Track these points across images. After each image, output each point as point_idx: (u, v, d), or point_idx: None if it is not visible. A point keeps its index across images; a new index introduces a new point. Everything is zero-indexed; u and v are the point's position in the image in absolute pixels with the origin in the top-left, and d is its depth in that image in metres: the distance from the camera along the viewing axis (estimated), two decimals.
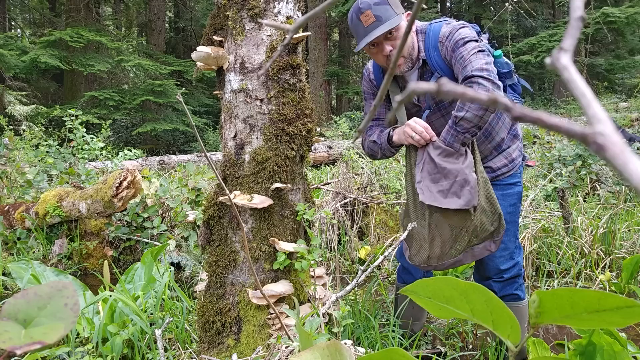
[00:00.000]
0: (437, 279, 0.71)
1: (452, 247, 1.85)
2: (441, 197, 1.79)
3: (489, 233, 1.84)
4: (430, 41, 1.87)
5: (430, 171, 1.82)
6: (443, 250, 1.85)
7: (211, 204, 1.81)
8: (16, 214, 3.69)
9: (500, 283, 2.00)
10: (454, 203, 1.77)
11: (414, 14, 0.41)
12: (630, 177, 0.26)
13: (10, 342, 0.50)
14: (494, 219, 1.83)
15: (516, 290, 2.02)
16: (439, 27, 1.86)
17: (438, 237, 1.85)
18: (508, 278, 2.00)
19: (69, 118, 5.25)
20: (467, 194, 1.77)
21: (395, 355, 0.75)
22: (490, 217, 1.82)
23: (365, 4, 1.78)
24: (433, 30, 1.87)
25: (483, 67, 1.67)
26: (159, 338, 1.74)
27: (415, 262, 1.93)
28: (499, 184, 1.98)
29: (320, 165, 7.71)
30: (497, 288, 2.01)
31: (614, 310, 0.59)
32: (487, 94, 0.32)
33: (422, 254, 1.89)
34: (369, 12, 1.77)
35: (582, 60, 11.85)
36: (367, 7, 1.77)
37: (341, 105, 17.06)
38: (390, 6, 1.78)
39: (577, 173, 4.52)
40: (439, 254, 1.85)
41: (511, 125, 2.00)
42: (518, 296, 2.03)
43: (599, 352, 1.51)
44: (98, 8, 14.55)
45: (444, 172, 1.79)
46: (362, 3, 1.79)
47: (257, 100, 1.75)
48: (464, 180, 1.77)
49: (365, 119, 0.48)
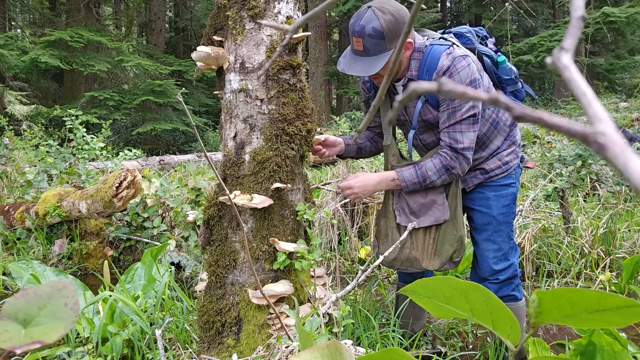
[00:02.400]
0: (437, 279, 0.71)
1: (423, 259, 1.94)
2: (413, 217, 1.93)
3: (449, 253, 1.91)
4: (425, 64, 1.79)
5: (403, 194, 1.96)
6: (409, 258, 1.95)
7: (211, 204, 1.81)
8: (16, 213, 3.69)
9: (496, 285, 1.99)
10: (424, 221, 1.91)
11: (413, 15, 0.41)
12: (630, 177, 0.26)
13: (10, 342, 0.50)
14: (455, 240, 1.90)
15: (513, 291, 2.02)
16: (439, 54, 1.76)
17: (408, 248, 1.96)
18: (504, 279, 1.99)
19: (69, 118, 5.25)
20: (436, 211, 1.90)
21: (395, 355, 0.75)
22: (450, 238, 1.91)
23: (360, 30, 1.68)
24: (432, 54, 1.78)
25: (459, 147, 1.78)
26: (159, 338, 1.74)
27: (384, 261, 2.01)
28: (492, 184, 1.98)
29: (320, 165, 7.71)
30: (493, 290, 1.99)
31: (614, 310, 0.59)
32: (487, 94, 0.32)
33: (391, 256, 1.98)
34: (360, 40, 1.70)
35: (582, 60, 11.85)
36: (360, 35, 1.69)
37: (341, 105, 17.06)
38: (385, 40, 1.68)
39: (577, 173, 4.52)
40: (404, 258, 1.96)
41: (509, 132, 2.00)
42: (515, 297, 2.02)
43: (599, 352, 1.51)
44: (98, 8, 14.55)
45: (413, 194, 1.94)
46: (359, 27, 1.69)
47: (257, 100, 1.74)
48: (431, 201, 1.91)
49: (364, 120, 0.48)
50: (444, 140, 1.81)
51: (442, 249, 1.90)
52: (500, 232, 1.97)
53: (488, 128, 1.92)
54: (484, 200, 1.97)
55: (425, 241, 1.93)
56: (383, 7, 1.69)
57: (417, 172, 1.83)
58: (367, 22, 1.68)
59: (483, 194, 1.98)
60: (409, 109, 1.92)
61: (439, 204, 1.89)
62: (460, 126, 1.76)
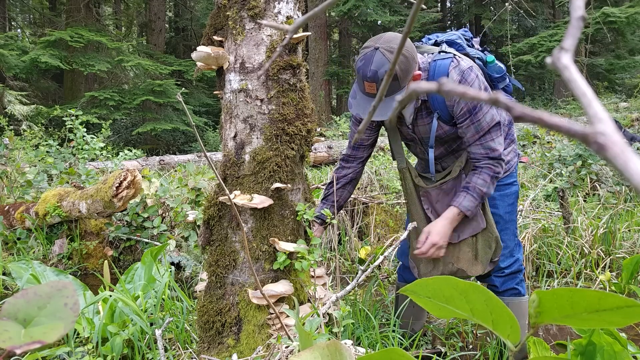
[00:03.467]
0: (437, 279, 0.71)
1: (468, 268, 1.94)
2: (454, 233, 1.91)
3: (488, 256, 1.93)
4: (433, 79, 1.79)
5: (439, 213, 1.94)
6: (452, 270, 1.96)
7: (211, 204, 1.81)
8: (16, 214, 3.69)
9: (501, 278, 2.03)
10: (464, 234, 1.91)
11: (413, 15, 0.41)
12: (630, 177, 0.26)
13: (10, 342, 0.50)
14: (492, 241, 1.91)
15: (517, 285, 2.04)
16: (445, 68, 1.76)
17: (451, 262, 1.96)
18: (509, 273, 2.03)
19: (69, 118, 5.24)
20: (473, 222, 1.90)
21: (394, 355, 0.75)
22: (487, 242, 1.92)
23: (373, 75, 1.62)
24: (439, 70, 1.78)
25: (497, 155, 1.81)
26: (159, 338, 1.74)
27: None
28: (497, 184, 1.99)
29: (320, 165, 7.71)
30: (498, 282, 2.03)
31: (614, 310, 0.59)
32: (487, 94, 0.32)
33: (433, 273, 1.99)
34: (374, 85, 1.64)
35: (582, 60, 11.85)
36: (374, 80, 1.63)
37: (341, 105, 17.06)
38: (399, 81, 1.65)
39: (577, 173, 4.52)
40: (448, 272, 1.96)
41: (508, 130, 2.02)
42: (519, 291, 2.05)
43: (599, 352, 1.51)
44: (98, 8, 14.55)
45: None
46: (371, 72, 1.62)
47: (257, 100, 1.74)
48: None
49: (364, 120, 0.48)
50: (478, 152, 1.81)
51: (481, 253, 1.92)
52: (507, 231, 2.01)
53: None
54: (490, 200, 1.99)
55: (463, 251, 1.94)
56: (391, 47, 1.64)
57: (474, 195, 1.83)
58: (379, 66, 1.62)
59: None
60: (418, 127, 1.91)
61: (475, 214, 1.89)
62: (491, 135, 1.79)
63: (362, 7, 11.88)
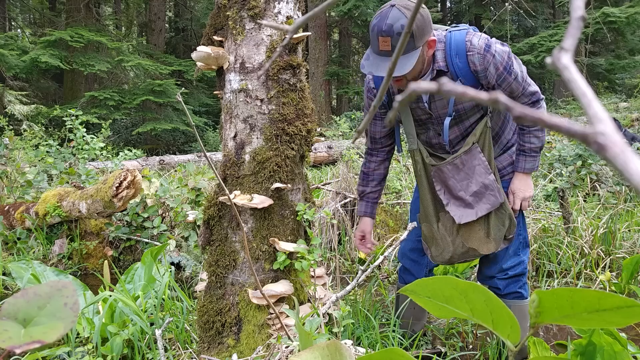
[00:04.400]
0: (437, 279, 0.71)
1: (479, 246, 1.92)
2: (469, 210, 1.89)
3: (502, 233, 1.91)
4: (452, 49, 1.77)
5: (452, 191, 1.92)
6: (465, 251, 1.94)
7: (211, 204, 1.81)
8: (16, 214, 3.69)
9: (504, 280, 2.00)
10: (481, 210, 1.87)
11: (413, 15, 0.41)
12: (630, 177, 0.26)
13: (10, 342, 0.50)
14: (505, 218, 1.89)
15: (520, 288, 2.02)
16: (463, 37, 1.77)
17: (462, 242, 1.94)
18: (513, 275, 2.00)
19: (69, 118, 5.24)
20: (490, 197, 1.86)
21: (394, 355, 0.75)
22: (501, 219, 1.89)
23: (388, 29, 1.60)
24: (455, 39, 1.77)
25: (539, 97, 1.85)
26: (159, 338, 1.74)
27: (438, 261, 2.01)
28: (504, 181, 1.99)
29: (320, 165, 7.71)
30: (501, 285, 2.01)
31: (614, 310, 0.59)
32: (487, 94, 0.32)
33: (444, 255, 1.97)
34: (388, 40, 1.62)
35: (582, 60, 11.84)
36: (389, 34, 1.60)
37: (341, 105, 17.06)
38: (414, 39, 1.63)
39: (577, 173, 4.52)
40: (460, 253, 1.95)
41: (517, 126, 2.01)
42: (521, 294, 2.03)
43: (599, 352, 1.51)
44: (98, 8, 14.55)
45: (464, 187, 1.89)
46: (387, 26, 1.60)
47: (257, 100, 1.74)
48: (483, 187, 1.86)
49: (364, 120, 0.48)
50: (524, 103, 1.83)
51: (494, 231, 1.89)
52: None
53: (501, 121, 1.95)
54: None
55: (474, 230, 1.91)
56: (407, 4, 1.63)
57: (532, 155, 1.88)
58: (395, 21, 1.60)
59: None
60: (435, 102, 1.86)
61: (492, 188, 1.85)
62: (527, 81, 1.82)
63: (362, 7, 11.88)
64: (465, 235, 1.92)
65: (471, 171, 1.87)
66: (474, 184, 1.86)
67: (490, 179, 1.85)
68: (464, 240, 1.92)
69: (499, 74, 1.76)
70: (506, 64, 1.75)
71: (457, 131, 1.91)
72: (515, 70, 1.78)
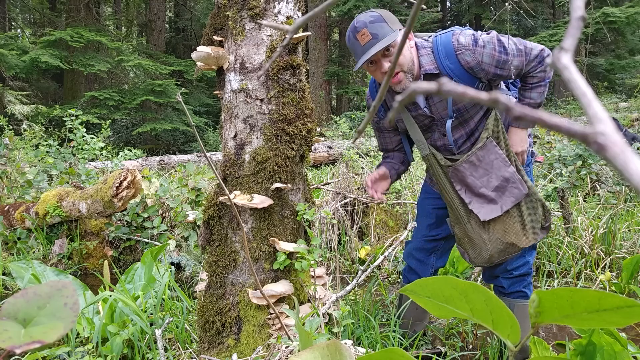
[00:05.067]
0: (437, 279, 0.71)
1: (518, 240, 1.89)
2: (494, 204, 1.88)
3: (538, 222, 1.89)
4: (440, 52, 1.81)
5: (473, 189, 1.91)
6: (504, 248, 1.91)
7: (211, 204, 1.81)
8: (16, 214, 3.69)
9: (509, 280, 2.00)
10: (506, 204, 1.86)
11: (413, 15, 0.41)
12: (630, 177, 0.26)
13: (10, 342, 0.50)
14: (537, 206, 1.88)
15: (524, 287, 2.01)
16: (448, 38, 1.80)
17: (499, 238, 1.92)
18: (518, 275, 1.99)
19: (69, 118, 5.25)
20: (513, 190, 1.85)
21: (394, 355, 0.75)
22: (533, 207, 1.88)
23: (361, 23, 1.74)
24: (442, 41, 1.81)
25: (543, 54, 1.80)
26: (159, 338, 1.74)
27: (478, 263, 2.00)
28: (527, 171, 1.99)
29: (320, 165, 7.71)
30: (506, 284, 2.00)
31: (614, 310, 0.59)
32: (487, 94, 0.32)
33: (484, 254, 1.95)
34: (365, 31, 1.73)
35: (582, 60, 11.84)
36: (363, 26, 1.74)
37: (341, 105, 17.06)
38: (387, 23, 1.75)
39: (577, 173, 4.52)
40: (498, 250, 1.92)
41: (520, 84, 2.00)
42: (526, 294, 2.02)
43: (599, 352, 1.51)
44: (98, 8, 14.55)
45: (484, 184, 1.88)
46: (358, 22, 1.75)
47: (257, 100, 1.74)
48: (504, 180, 1.85)
49: (364, 120, 0.48)
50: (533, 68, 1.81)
51: (529, 222, 1.87)
52: None
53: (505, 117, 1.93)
54: None
55: (509, 224, 1.89)
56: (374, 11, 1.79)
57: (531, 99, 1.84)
58: (364, 15, 1.76)
59: None
60: (435, 105, 1.88)
61: (513, 180, 1.84)
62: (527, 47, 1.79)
63: (362, 7, 11.88)
64: (501, 230, 1.90)
65: (489, 166, 1.86)
66: (495, 179, 1.86)
67: (510, 171, 1.84)
68: (501, 236, 1.90)
69: (497, 59, 1.76)
70: (498, 47, 1.76)
71: (462, 131, 1.91)
72: (510, 48, 1.77)
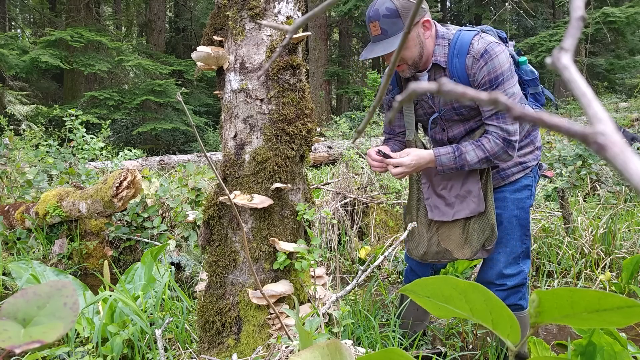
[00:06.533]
0: (437, 279, 0.71)
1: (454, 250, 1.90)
2: (448, 209, 1.89)
3: (480, 241, 1.87)
4: (455, 48, 1.77)
5: (436, 188, 1.92)
6: (439, 251, 1.94)
7: (211, 204, 1.81)
8: (16, 213, 3.69)
9: (504, 292, 1.94)
10: (460, 214, 1.87)
11: (413, 15, 0.41)
12: (630, 177, 0.26)
13: (10, 341, 0.50)
14: (487, 227, 1.86)
15: (519, 300, 1.96)
16: (469, 38, 1.75)
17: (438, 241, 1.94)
18: (512, 286, 1.94)
19: (69, 118, 5.24)
20: (471, 203, 1.86)
21: (394, 355, 0.75)
22: (481, 226, 1.87)
23: (375, 14, 1.70)
24: (462, 38, 1.77)
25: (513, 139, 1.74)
26: (159, 338, 1.74)
27: (413, 255, 2.02)
28: (508, 184, 1.94)
29: (320, 165, 7.71)
30: (501, 297, 1.94)
31: (614, 310, 0.59)
32: (487, 94, 0.32)
33: (419, 249, 1.98)
34: (376, 24, 1.71)
35: (582, 60, 11.85)
36: (376, 18, 1.70)
37: (341, 105, 17.06)
38: (401, 19, 1.68)
39: (577, 173, 4.52)
40: (434, 252, 1.95)
41: (531, 131, 1.96)
42: (521, 306, 1.97)
43: (599, 352, 1.51)
44: (98, 8, 14.55)
45: (447, 187, 1.90)
46: (373, 11, 1.71)
47: (257, 100, 1.74)
48: (466, 192, 1.86)
49: (364, 120, 0.48)
50: (493, 129, 1.75)
51: (472, 238, 1.87)
52: (513, 235, 1.93)
53: None
54: (500, 201, 1.93)
55: (453, 232, 1.90)
56: None
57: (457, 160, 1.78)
58: (380, 5, 1.69)
59: (500, 194, 1.94)
60: (436, 98, 1.86)
61: (474, 195, 1.83)
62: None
63: (362, 7, 11.88)
64: (443, 235, 1.92)
65: (460, 173, 1.87)
66: (459, 187, 1.87)
67: (476, 187, 1.85)
68: (441, 240, 1.92)
69: (483, 81, 1.73)
70: (496, 75, 1.71)
71: (462, 127, 1.89)
72: (507, 91, 1.72)
